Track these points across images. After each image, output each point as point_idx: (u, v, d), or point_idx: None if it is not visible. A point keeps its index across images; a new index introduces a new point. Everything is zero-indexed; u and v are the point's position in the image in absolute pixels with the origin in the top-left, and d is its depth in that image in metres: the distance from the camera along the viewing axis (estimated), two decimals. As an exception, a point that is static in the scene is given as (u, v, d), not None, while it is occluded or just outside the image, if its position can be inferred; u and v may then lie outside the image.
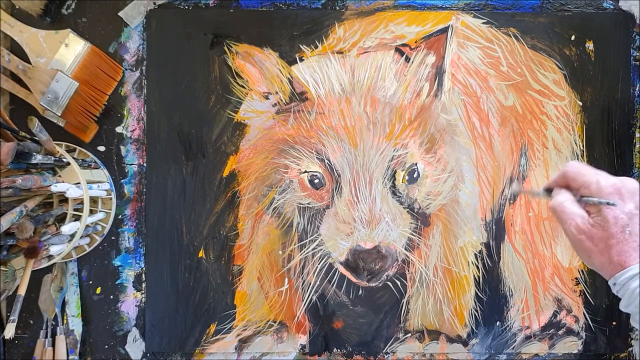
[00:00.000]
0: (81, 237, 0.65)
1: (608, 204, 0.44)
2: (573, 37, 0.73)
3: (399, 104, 0.71)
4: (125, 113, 0.72)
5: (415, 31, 0.73)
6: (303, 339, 0.73)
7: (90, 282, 0.72)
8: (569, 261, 0.73)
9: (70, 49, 0.69)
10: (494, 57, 0.73)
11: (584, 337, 0.73)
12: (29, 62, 0.68)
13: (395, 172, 0.71)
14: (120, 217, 0.72)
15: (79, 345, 0.70)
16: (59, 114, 0.68)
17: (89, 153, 0.70)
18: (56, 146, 0.61)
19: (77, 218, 0.63)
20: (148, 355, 0.72)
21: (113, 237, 0.72)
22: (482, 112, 0.73)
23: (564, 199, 0.48)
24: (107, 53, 0.71)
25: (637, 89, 0.74)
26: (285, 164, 0.72)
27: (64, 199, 0.63)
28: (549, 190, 0.51)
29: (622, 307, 0.45)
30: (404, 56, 0.72)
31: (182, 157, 0.72)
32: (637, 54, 0.74)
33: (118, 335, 0.72)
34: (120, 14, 0.72)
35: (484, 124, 0.73)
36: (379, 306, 0.72)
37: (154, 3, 0.72)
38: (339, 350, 0.73)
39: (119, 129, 0.72)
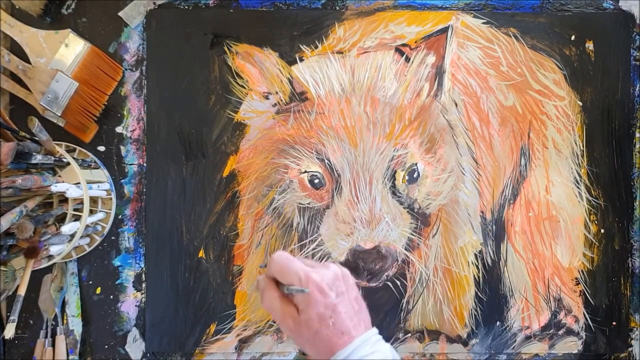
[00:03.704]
0: (81, 237, 0.65)
1: (303, 291, 0.47)
2: (573, 37, 0.73)
3: (399, 104, 0.71)
4: (125, 113, 0.72)
5: (415, 31, 0.73)
6: (303, 339, 0.72)
7: (90, 282, 0.72)
8: (569, 261, 0.74)
9: (70, 49, 0.69)
10: (494, 57, 0.73)
11: (584, 337, 0.73)
12: (29, 62, 0.68)
13: (395, 172, 0.71)
14: (120, 217, 0.72)
15: (79, 345, 0.70)
16: (59, 114, 0.68)
17: (89, 153, 0.70)
18: (56, 146, 0.61)
19: (77, 218, 0.63)
20: (148, 355, 0.72)
21: (113, 237, 0.72)
22: (482, 112, 0.73)
23: (274, 297, 0.50)
24: (107, 53, 0.71)
25: (637, 89, 0.74)
26: (285, 164, 0.72)
27: (64, 199, 0.63)
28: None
29: None
30: (404, 56, 0.72)
31: (182, 157, 0.72)
32: (637, 54, 0.74)
33: (118, 335, 0.72)
34: (120, 14, 0.72)
35: (484, 124, 0.73)
36: (379, 306, 0.72)
37: (154, 3, 0.72)
38: (339, 350, 0.72)
39: (119, 129, 0.72)
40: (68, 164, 0.62)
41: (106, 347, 0.72)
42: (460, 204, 0.73)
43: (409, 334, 0.73)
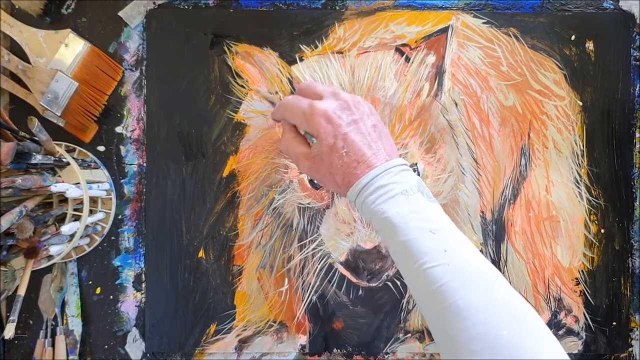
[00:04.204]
0: (81, 237, 0.65)
1: (311, 139, 0.46)
2: (573, 37, 0.73)
3: (399, 104, 0.71)
4: (125, 113, 0.72)
5: (415, 31, 0.73)
6: (303, 339, 0.73)
7: (90, 282, 0.72)
8: (569, 261, 0.74)
9: (70, 49, 0.69)
10: (494, 57, 0.73)
11: (584, 337, 0.73)
12: (29, 62, 0.68)
13: (395, 172, 0.71)
14: (120, 217, 0.72)
15: (78, 346, 0.70)
16: (59, 114, 0.68)
17: (88, 153, 0.70)
18: (56, 146, 0.61)
19: (76, 218, 0.63)
20: (148, 355, 0.72)
21: (113, 237, 0.72)
22: (482, 112, 0.73)
23: (289, 138, 0.49)
24: (107, 53, 0.71)
25: (637, 89, 0.74)
26: (285, 164, 0.71)
27: (63, 199, 0.63)
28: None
29: (363, 215, 0.46)
30: (404, 56, 0.72)
31: (182, 157, 0.72)
32: (637, 54, 0.74)
33: (118, 335, 0.72)
34: (120, 13, 0.72)
35: (484, 124, 0.73)
36: (379, 306, 0.72)
37: (154, 3, 0.72)
38: (339, 351, 0.73)
39: (118, 129, 0.72)
40: (68, 164, 0.62)
41: (106, 347, 0.72)
42: (460, 204, 0.73)
43: (409, 334, 0.73)
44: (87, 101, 0.69)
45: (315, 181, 0.71)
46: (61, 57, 0.69)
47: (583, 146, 0.74)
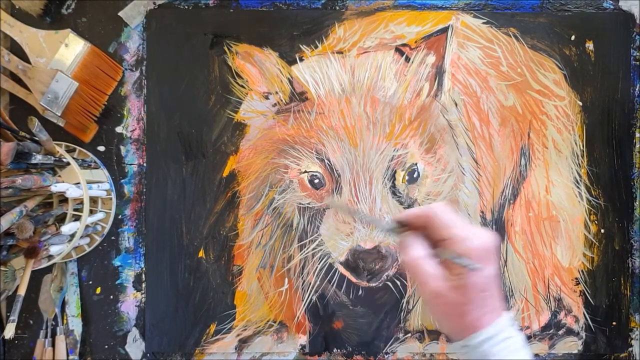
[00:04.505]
0: (81, 237, 0.65)
1: (474, 268, 0.39)
2: (573, 37, 0.73)
3: (399, 104, 0.71)
4: (125, 113, 0.72)
5: (415, 31, 0.73)
6: (303, 339, 0.73)
7: (90, 282, 0.72)
8: (569, 261, 0.73)
9: (70, 49, 0.69)
10: (494, 57, 0.73)
11: (584, 337, 0.73)
12: (29, 62, 0.68)
13: (395, 172, 0.71)
14: (120, 217, 0.72)
15: (78, 346, 0.70)
16: (59, 114, 0.68)
17: (88, 153, 0.70)
18: (56, 146, 0.61)
19: (77, 218, 0.63)
20: (148, 355, 0.72)
21: (113, 237, 0.72)
22: (482, 112, 0.73)
23: (420, 256, 0.42)
24: (107, 53, 0.71)
25: (637, 89, 0.74)
26: (285, 164, 0.71)
27: (63, 199, 0.63)
28: (401, 224, 0.44)
29: None
30: (404, 56, 0.72)
31: (182, 157, 0.72)
32: (637, 54, 0.74)
33: (118, 335, 0.72)
34: (120, 14, 0.72)
35: (484, 124, 0.73)
36: (378, 306, 0.72)
37: (154, 3, 0.72)
38: (339, 351, 0.73)
39: (118, 129, 0.72)
40: (68, 164, 0.62)
41: (106, 347, 0.72)
42: (460, 204, 0.73)
43: (409, 334, 0.73)
44: (87, 101, 0.69)
45: (315, 181, 0.71)
46: (61, 57, 0.69)
47: (583, 146, 0.74)
